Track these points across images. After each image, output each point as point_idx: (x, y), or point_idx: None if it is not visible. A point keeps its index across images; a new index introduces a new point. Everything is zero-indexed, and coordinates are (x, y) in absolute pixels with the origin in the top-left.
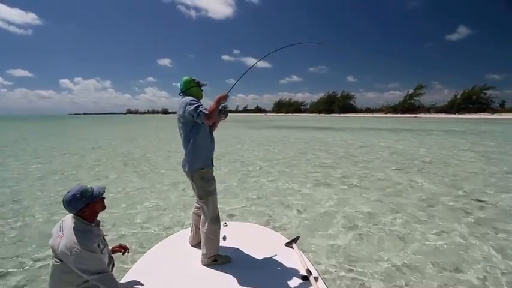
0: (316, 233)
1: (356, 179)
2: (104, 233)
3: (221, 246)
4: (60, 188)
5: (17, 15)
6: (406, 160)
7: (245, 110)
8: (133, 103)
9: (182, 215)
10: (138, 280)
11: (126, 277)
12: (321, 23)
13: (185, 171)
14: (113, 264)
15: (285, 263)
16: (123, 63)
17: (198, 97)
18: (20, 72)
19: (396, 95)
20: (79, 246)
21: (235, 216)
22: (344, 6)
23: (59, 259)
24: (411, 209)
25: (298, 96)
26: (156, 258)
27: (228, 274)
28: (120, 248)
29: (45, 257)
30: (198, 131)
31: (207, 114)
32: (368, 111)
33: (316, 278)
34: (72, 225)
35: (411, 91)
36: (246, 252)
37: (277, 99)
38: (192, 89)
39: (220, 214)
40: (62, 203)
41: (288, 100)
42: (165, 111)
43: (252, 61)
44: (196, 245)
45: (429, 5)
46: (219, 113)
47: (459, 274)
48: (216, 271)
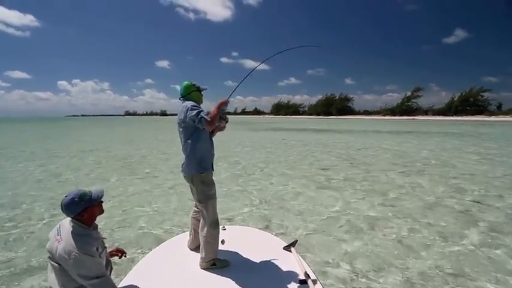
0: (318, 237)
1: (360, 182)
2: (103, 236)
3: (220, 250)
4: (59, 191)
5: (15, 17)
6: (410, 162)
7: (243, 112)
8: (131, 105)
9: (181, 219)
10: (136, 284)
11: (125, 281)
12: (320, 26)
13: (185, 175)
14: (111, 268)
15: (283, 267)
16: (122, 65)
17: (198, 102)
18: (17, 74)
19: (394, 97)
20: (78, 250)
21: (236, 220)
22: (342, 9)
23: (57, 262)
24: (418, 214)
25: (297, 99)
26: (154, 262)
27: (227, 278)
28: (117, 251)
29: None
30: (199, 136)
31: (208, 120)
32: (366, 113)
33: (314, 281)
34: (71, 229)
35: (409, 93)
36: (244, 256)
37: (275, 101)
38: (192, 93)
39: (219, 218)
40: (60, 207)
41: (286, 102)
42: (164, 113)
43: (250, 63)
44: (195, 248)
45: (427, 8)
46: (219, 119)
47: (472, 282)
48: (215, 275)
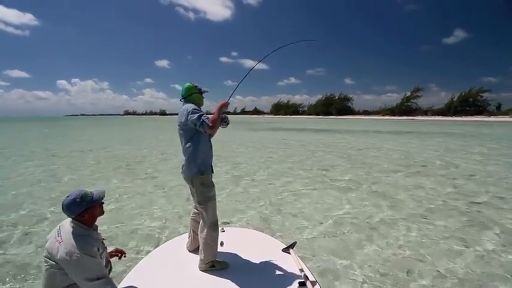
0: (322, 240)
1: (365, 184)
2: (103, 237)
3: (219, 252)
4: (56, 192)
5: (14, 16)
6: (415, 163)
7: (243, 111)
8: (131, 104)
9: (180, 220)
10: (136, 286)
11: (124, 282)
12: (319, 26)
13: (185, 177)
14: (110, 268)
15: (282, 269)
16: (121, 65)
17: (199, 104)
18: (16, 73)
19: (393, 98)
20: (79, 251)
21: (241, 222)
22: (342, 9)
23: (54, 261)
24: (427, 216)
25: (296, 98)
26: (153, 263)
27: (226, 280)
28: (116, 252)
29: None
30: (199, 139)
31: (210, 125)
32: (365, 113)
33: (313, 283)
34: (71, 230)
35: (408, 93)
36: (243, 258)
37: (275, 101)
38: (193, 95)
39: (219, 219)
40: (61, 207)
41: (286, 102)
42: (163, 113)
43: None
44: (194, 250)
45: (426, 9)
46: (221, 122)
47: None
48: (214, 277)
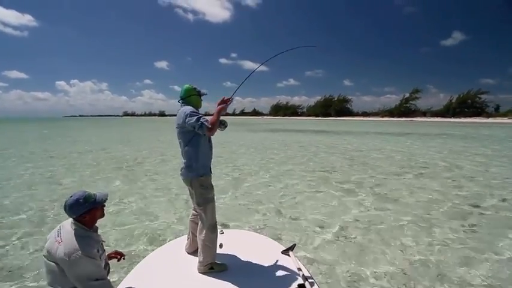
0: (324, 242)
1: (372, 187)
2: (102, 239)
3: (218, 254)
4: (57, 195)
5: (13, 17)
6: (420, 165)
7: (242, 113)
8: (130, 105)
9: (179, 222)
10: (134, 287)
11: (122, 284)
12: (318, 27)
13: (184, 179)
14: (109, 270)
15: (281, 271)
16: (120, 66)
17: (197, 106)
18: (15, 74)
19: (392, 99)
20: (79, 252)
21: (239, 225)
22: (341, 11)
23: (53, 261)
24: (436, 221)
25: (295, 100)
26: (152, 265)
27: (225, 282)
28: (115, 254)
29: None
30: (198, 140)
31: (209, 127)
32: (364, 114)
33: (312, 285)
34: (72, 231)
35: (407, 95)
36: (242, 260)
37: (274, 102)
38: (192, 97)
39: (218, 222)
40: (63, 207)
41: (285, 103)
42: (162, 114)
43: (249, 64)
44: (192, 252)
45: (425, 11)
46: (219, 124)
47: None
48: (213, 279)
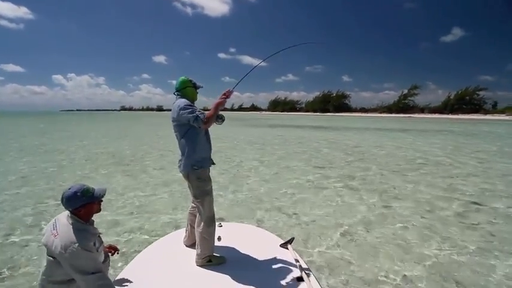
0: (321, 242)
1: (378, 185)
2: (99, 232)
3: (216, 247)
4: (53, 191)
5: (9, 9)
6: (425, 162)
7: (240, 108)
8: (127, 100)
9: (177, 216)
10: (132, 280)
11: (120, 276)
12: (317, 22)
13: (181, 172)
14: (109, 262)
15: (280, 264)
16: (118, 60)
17: (192, 99)
18: (11, 68)
19: (391, 95)
20: (75, 245)
21: (238, 219)
22: (340, 6)
23: (51, 256)
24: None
25: (294, 95)
26: (150, 258)
27: (223, 275)
28: (110, 248)
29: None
30: (194, 133)
31: (204, 120)
32: (363, 110)
33: (310, 278)
34: (68, 224)
35: (406, 91)
36: (241, 253)
37: (272, 97)
38: (187, 89)
39: (216, 215)
40: (60, 199)
41: (283, 99)
42: (160, 108)
43: (248, 59)
44: (191, 245)
45: (424, 7)
46: (216, 118)
47: None
48: (211, 272)
